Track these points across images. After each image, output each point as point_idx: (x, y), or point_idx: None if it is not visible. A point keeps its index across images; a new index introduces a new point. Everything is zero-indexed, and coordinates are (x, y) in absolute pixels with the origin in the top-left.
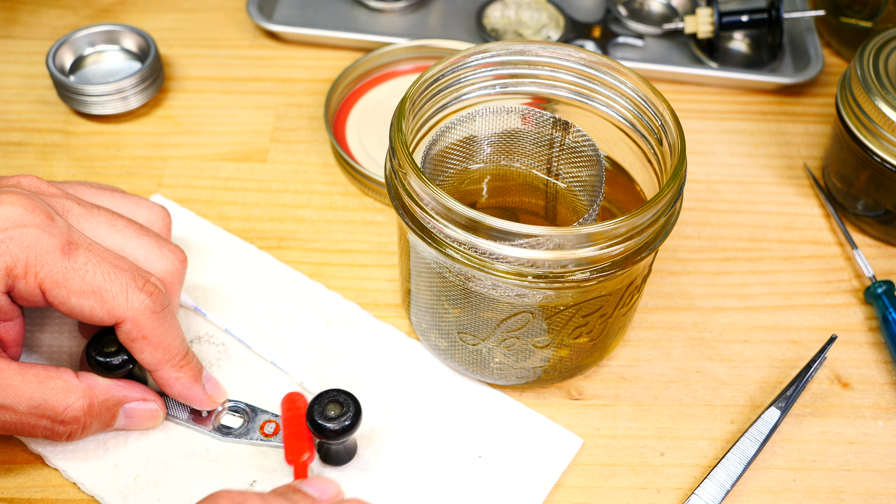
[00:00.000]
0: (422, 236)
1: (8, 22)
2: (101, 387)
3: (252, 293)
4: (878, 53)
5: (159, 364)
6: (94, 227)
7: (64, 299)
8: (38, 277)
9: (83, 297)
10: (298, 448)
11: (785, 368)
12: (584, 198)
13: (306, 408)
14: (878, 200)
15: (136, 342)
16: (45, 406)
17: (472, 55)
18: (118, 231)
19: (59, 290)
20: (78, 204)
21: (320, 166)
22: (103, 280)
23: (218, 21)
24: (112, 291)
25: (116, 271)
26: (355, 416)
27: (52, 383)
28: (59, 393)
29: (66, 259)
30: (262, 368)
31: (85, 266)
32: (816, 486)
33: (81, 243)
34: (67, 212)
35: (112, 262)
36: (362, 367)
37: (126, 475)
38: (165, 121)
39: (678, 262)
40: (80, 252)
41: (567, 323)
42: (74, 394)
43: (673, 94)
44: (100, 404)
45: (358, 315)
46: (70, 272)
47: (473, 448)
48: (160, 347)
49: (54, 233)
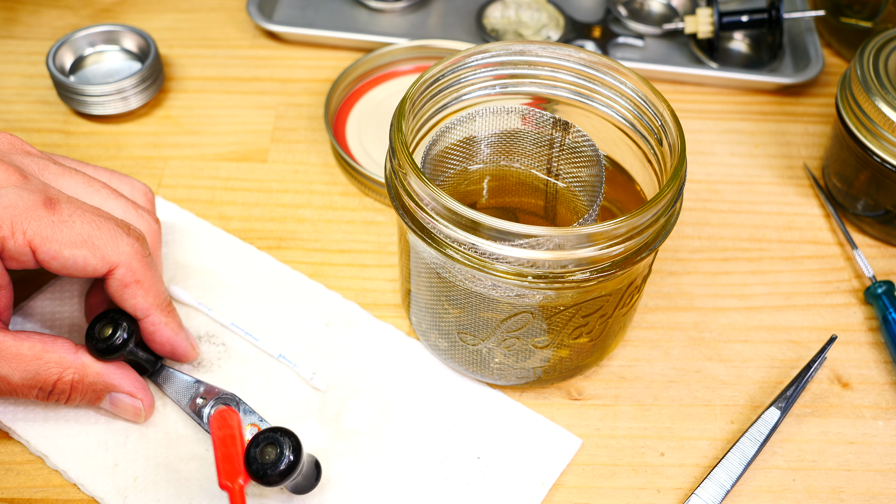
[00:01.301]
0: (422, 236)
1: (8, 22)
2: (95, 369)
3: (252, 293)
4: (878, 53)
5: (150, 308)
6: (71, 187)
7: (56, 253)
8: (26, 235)
9: (75, 248)
10: (232, 471)
11: (785, 368)
12: (584, 198)
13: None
14: (878, 200)
15: (128, 287)
16: (37, 378)
17: (472, 55)
18: (96, 192)
19: (51, 245)
20: (54, 163)
21: (320, 166)
22: (91, 229)
23: (218, 21)
24: (102, 238)
25: (101, 219)
26: (294, 456)
27: (47, 357)
28: (52, 367)
29: (51, 213)
30: (263, 369)
31: (71, 217)
32: (816, 486)
33: (61, 197)
34: (43, 170)
35: (94, 212)
36: (362, 366)
37: (126, 476)
38: (165, 121)
39: (678, 262)
40: (62, 205)
41: (567, 323)
42: (68, 369)
43: (673, 94)
44: (88, 384)
45: (358, 314)
46: (58, 224)
47: (472, 448)
48: (151, 291)
49: (32, 189)
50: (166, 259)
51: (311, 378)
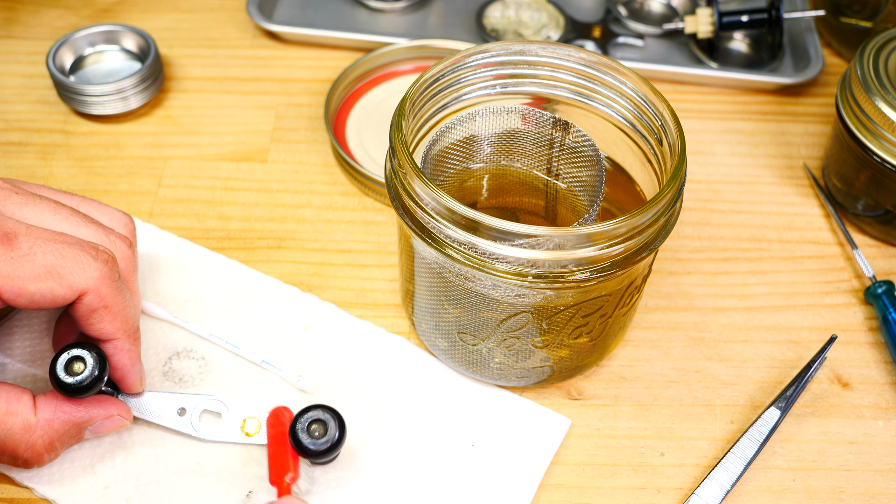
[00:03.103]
0: (422, 236)
1: (8, 22)
2: (61, 418)
3: (227, 303)
4: (878, 53)
5: (116, 333)
6: (37, 215)
7: (21, 290)
8: None
9: (40, 281)
10: (281, 468)
11: (785, 368)
12: (584, 198)
13: (290, 423)
14: (878, 200)
15: (96, 313)
16: (4, 445)
17: (472, 55)
18: (64, 218)
19: (14, 282)
20: (16, 192)
21: (320, 166)
22: (55, 258)
23: (218, 21)
24: (67, 266)
25: (64, 246)
26: (339, 434)
27: (11, 422)
28: (17, 434)
29: (9, 249)
30: (245, 379)
31: (31, 250)
32: (816, 486)
33: (19, 230)
34: (4, 200)
35: (56, 239)
36: (347, 366)
37: (118, 497)
38: (165, 121)
39: (678, 262)
40: (20, 239)
41: (567, 323)
42: (34, 433)
43: (673, 94)
44: (61, 436)
45: (336, 315)
46: (17, 260)
47: (466, 437)
48: (119, 316)
49: None
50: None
51: (298, 381)
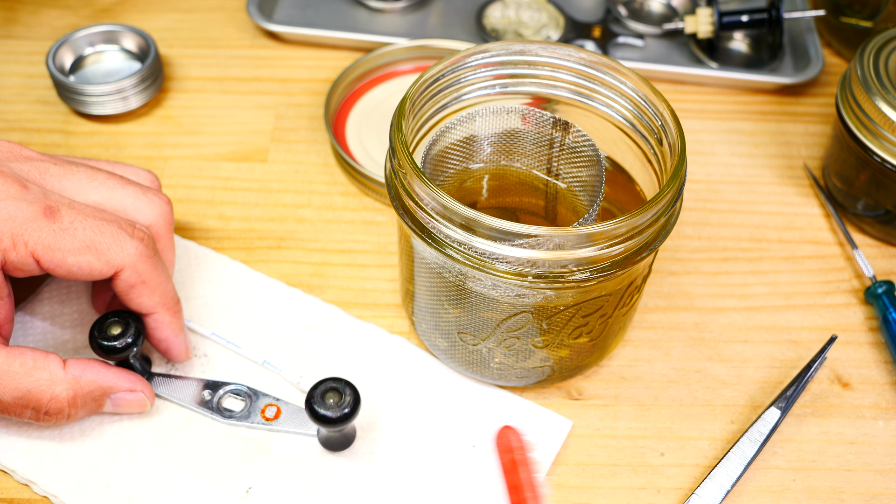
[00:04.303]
0: (422, 236)
1: (8, 22)
2: (88, 377)
3: (229, 302)
4: (878, 53)
5: (156, 307)
6: (75, 184)
7: (60, 261)
8: (28, 246)
9: (79, 255)
10: (521, 500)
11: (785, 368)
12: (584, 198)
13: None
14: (878, 200)
15: (134, 288)
16: (28, 397)
17: (472, 55)
18: (101, 184)
19: (54, 254)
20: (54, 164)
21: (320, 166)
22: (94, 234)
23: (218, 21)
24: (105, 242)
25: (103, 223)
26: (354, 403)
27: (38, 374)
28: (43, 384)
29: (52, 222)
30: (248, 376)
31: (72, 224)
32: (816, 487)
33: (62, 204)
34: (44, 173)
35: (96, 215)
36: (348, 367)
37: (119, 494)
38: (165, 121)
39: (678, 262)
40: (62, 212)
41: (567, 323)
42: (59, 385)
43: (673, 94)
44: (85, 395)
45: (339, 316)
46: (59, 233)
47: (466, 438)
48: (157, 290)
49: (31, 199)
50: None
51: (299, 382)
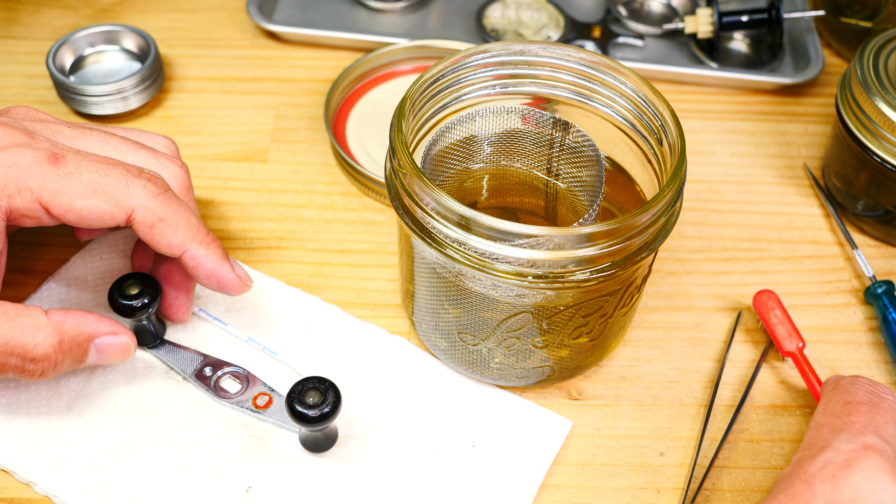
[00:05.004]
0: (422, 236)
1: (8, 22)
2: (71, 322)
3: (230, 302)
4: (878, 53)
5: (185, 243)
6: (87, 147)
7: (68, 206)
8: (33, 192)
9: (86, 198)
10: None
11: (785, 368)
12: (584, 198)
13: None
14: (878, 200)
15: (154, 228)
16: (13, 344)
17: (472, 55)
18: (113, 147)
19: (61, 198)
20: (68, 127)
21: (320, 166)
22: (99, 177)
23: (218, 21)
24: (112, 184)
25: (109, 167)
26: (335, 403)
27: (21, 321)
28: (27, 330)
29: (56, 167)
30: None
31: (77, 168)
32: None
33: (67, 151)
34: (57, 134)
35: (101, 160)
36: (347, 367)
37: (119, 494)
38: (165, 121)
39: (678, 262)
40: (67, 158)
41: (567, 323)
42: (43, 331)
43: (673, 94)
44: (70, 340)
45: (339, 316)
46: (64, 177)
47: (466, 438)
48: (180, 225)
49: (37, 147)
50: None
51: (302, 372)
